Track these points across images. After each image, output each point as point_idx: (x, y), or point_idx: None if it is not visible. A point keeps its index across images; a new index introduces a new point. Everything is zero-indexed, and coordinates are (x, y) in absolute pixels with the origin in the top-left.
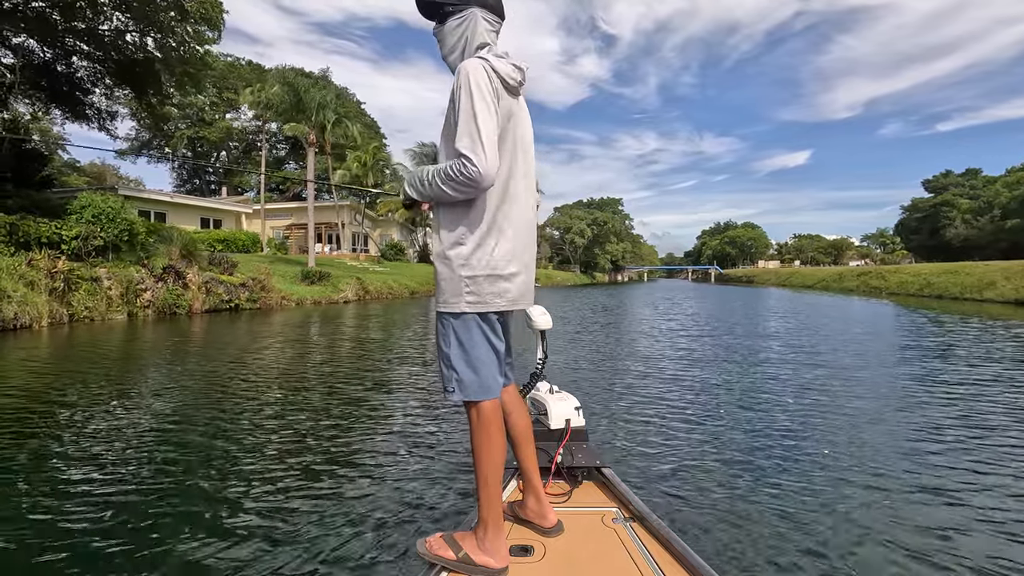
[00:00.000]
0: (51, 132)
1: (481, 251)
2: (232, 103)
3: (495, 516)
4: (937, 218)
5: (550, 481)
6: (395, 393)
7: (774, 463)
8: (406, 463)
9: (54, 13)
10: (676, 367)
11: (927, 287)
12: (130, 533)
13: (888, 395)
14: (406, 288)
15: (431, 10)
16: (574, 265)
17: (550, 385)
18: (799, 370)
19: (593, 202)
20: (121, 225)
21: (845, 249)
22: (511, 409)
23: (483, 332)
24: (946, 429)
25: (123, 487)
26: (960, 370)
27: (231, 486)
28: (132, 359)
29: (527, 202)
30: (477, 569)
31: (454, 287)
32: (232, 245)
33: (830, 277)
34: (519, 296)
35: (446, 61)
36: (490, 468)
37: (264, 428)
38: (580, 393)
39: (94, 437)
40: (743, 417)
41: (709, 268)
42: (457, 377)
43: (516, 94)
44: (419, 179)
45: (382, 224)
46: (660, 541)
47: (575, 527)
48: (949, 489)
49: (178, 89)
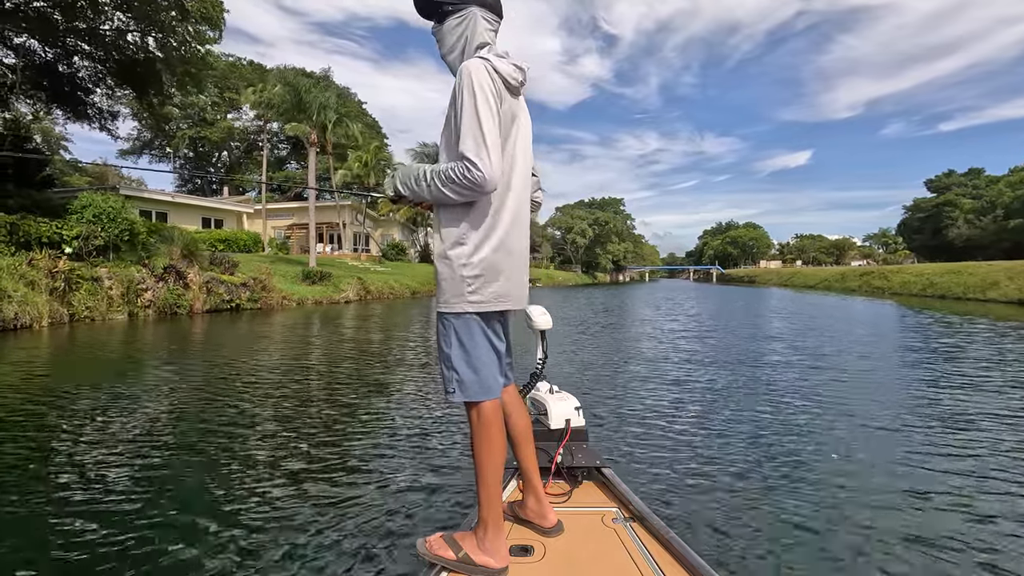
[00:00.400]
0: (53, 132)
1: (482, 251)
2: (233, 103)
3: (495, 516)
4: (940, 218)
5: (550, 481)
6: (394, 394)
7: (776, 464)
8: (407, 464)
9: (55, 13)
10: (677, 368)
11: (930, 287)
12: (125, 534)
13: (897, 397)
14: (407, 288)
15: (430, 9)
16: (575, 265)
17: (550, 385)
18: (804, 372)
19: (595, 202)
20: (122, 225)
21: (847, 249)
22: (511, 409)
23: (484, 332)
24: (961, 432)
25: (118, 490)
26: (973, 372)
27: (231, 487)
28: (130, 360)
29: (526, 202)
30: (477, 569)
31: (455, 287)
32: (233, 245)
33: (832, 277)
34: (520, 296)
35: (445, 60)
36: (490, 468)
37: (263, 430)
38: (580, 393)
39: (90, 442)
40: (745, 418)
41: (711, 268)
42: (458, 378)
43: (517, 94)
44: (413, 177)
45: (383, 224)
46: (660, 541)
47: (575, 527)
48: (961, 494)
49: (179, 89)
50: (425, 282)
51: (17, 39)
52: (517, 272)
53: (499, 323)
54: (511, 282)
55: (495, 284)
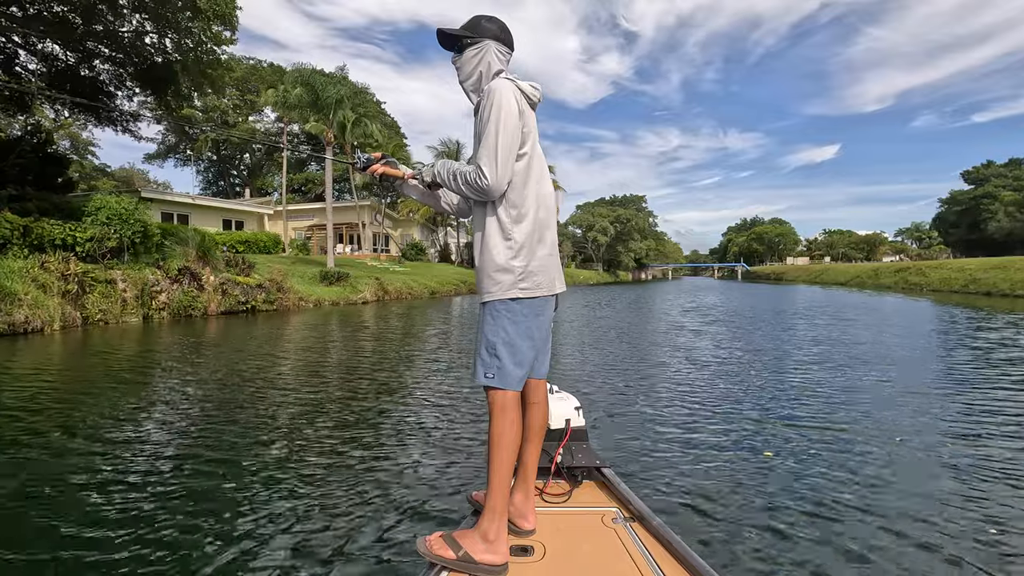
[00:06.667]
0: (80, 137)
1: (525, 241)
2: (254, 105)
3: (502, 505)
4: (978, 211)
5: (550, 481)
6: (395, 396)
7: (778, 465)
8: (410, 466)
9: (76, 16)
10: (691, 369)
11: (972, 283)
12: (141, 533)
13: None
14: (426, 288)
15: (450, 42)
16: (597, 263)
17: (550, 385)
18: (832, 374)
19: (616, 199)
20: (135, 227)
21: (878, 244)
22: (538, 404)
23: (528, 321)
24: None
25: (134, 488)
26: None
27: (233, 488)
28: (141, 365)
29: (551, 195)
30: (477, 568)
31: (503, 276)
32: (254, 246)
33: (865, 273)
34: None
35: (463, 86)
36: (505, 454)
37: (263, 430)
38: (581, 393)
39: (101, 454)
40: (748, 419)
41: (735, 266)
42: (499, 364)
43: (534, 108)
44: (446, 169)
45: (403, 224)
46: (660, 541)
47: (575, 527)
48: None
49: (196, 90)
50: (444, 282)
51: (40, 44)
52: (554, 258)
53: (543, 313)
54: (551, 268)
55: (538, 271)
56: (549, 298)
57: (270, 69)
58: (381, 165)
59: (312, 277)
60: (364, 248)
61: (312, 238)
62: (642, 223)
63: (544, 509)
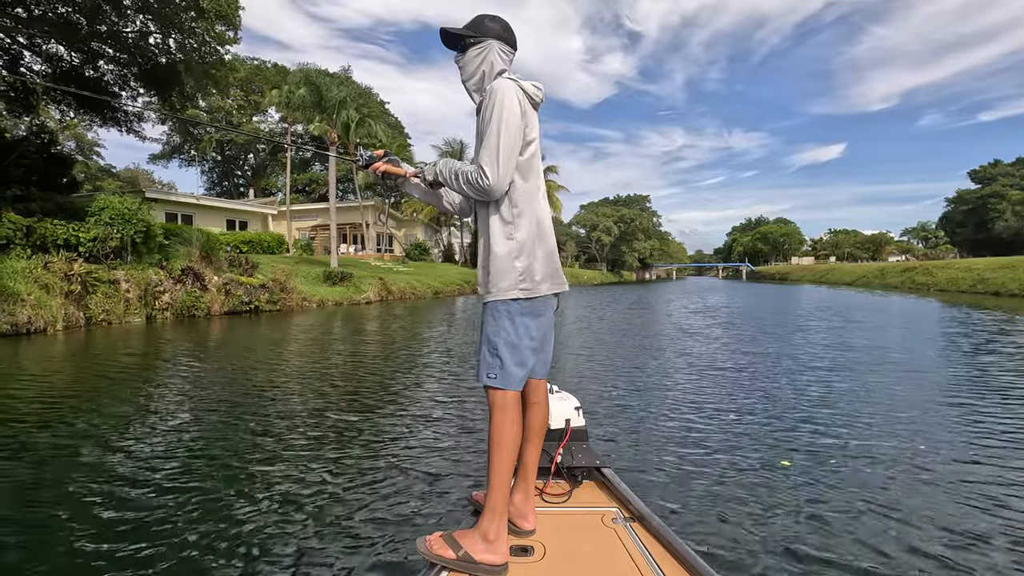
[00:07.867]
0: (85, 138)
1: (528, 240)
2: (258, 106)
3: (502, 505)
4: (985, 210)
5: (550, 481)
6: (396, 397)
7: (790, 471)
8: (410, 466)
9: (80, 17)
10: (695, 371)
11: (980, 283)
12: (142, 533)
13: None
14: (430, 288)
15: (453, 41)
16: (601, 263)
17: (550, 385)
18: (846, 377)
19: (620, 199)
20: (137, 226)
21: (884, 244)
22: (538, 400)
23: (529, 321)
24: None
25: (135, 487)
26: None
27: (233, 488)
28: (144, 366)
29: (546, 197)
30: (477, 568)
31: (507, 277)
32: (257, 246)
33: (871, 273)
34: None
35: (465, 85)
36: (506, 453)
37: (261, 431)
38: (584, 393)
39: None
40: (750, 420)
41: (740, 265)
42: (501, 365)
43: (537, 108)
44: (448, 168)
45: (407, 224)
46: (660, 541)
47: (575, 527)
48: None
49: (200, 90)
50: (448, 282)
51: (44, 45)
52: (554, 256)
53: (544, 313)
54: (552, 267)
55: (539, 271)
56: (550, 298)
57: (274, 69)
58: (383, 163)
59: (316, 277)
60: (368, 248)
61: (316, 238)
62: (646, 223)
63: (544, 509)
